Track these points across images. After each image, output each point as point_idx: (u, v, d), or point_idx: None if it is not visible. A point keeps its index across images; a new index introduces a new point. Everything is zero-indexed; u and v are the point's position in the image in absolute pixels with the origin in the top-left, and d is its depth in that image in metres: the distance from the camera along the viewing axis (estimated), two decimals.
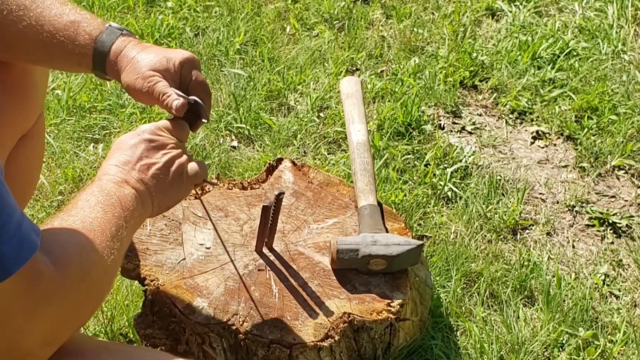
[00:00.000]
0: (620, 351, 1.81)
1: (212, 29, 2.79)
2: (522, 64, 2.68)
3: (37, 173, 1.58)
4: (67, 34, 1.25)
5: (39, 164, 1.58)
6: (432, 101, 2.54)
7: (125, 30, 1.29)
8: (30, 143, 1.45)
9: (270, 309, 1.51)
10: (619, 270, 2.04)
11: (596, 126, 2.46)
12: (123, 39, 1.27)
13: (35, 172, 1.56)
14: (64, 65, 1.37)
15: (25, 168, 1.47)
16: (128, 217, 1.12)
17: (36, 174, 1.57)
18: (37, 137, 1.48)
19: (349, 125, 1.88)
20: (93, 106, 2.42)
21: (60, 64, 1.36)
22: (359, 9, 2.94)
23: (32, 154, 1.48)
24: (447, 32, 2.82)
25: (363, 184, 1.75)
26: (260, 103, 2.47)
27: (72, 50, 1.26)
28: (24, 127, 1.41)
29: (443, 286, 1.92)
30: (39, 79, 1.39)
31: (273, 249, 1.63)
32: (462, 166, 2.30)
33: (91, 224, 1.05)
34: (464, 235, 2.07)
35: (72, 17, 1.25)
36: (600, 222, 2.17)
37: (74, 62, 1.28)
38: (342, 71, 2.63)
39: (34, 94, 1.39)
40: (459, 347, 1.78)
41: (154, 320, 1.52)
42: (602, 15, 2.93)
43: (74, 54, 1.26)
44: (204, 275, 1.55)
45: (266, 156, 2.27)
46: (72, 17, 1.25)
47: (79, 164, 2.22)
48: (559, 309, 1.87)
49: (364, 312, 1.53)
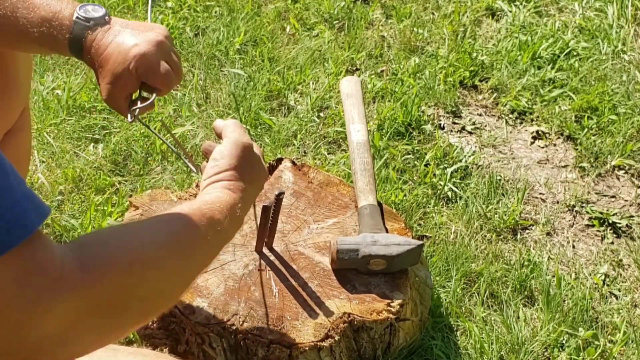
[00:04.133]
0: (620, 351, 1.80)
1: (212, 29, 2.78)
2: (522, 63, 2.68)
3: (25, 167, 1.57)
4: (42, 30, 1.23)
5: (27, 158, 1.57)
6: (432, 101, 2.54)
7: (92, 20, 1.25)
8: (16, 138, 1.44)
9: (270, 309, 1.51)
10: (619, 270, 2.04)
11: (596, 126, 2.46)
12: (90, 37, 1.24)
13: (23, 166, 1.55)
14: (46, 53, 1.35)
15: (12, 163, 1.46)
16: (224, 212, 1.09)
17: (24, 169, 1.56)
18: (22, 131, 1.47)
19: (349, 125, 1.88)
20: (93, 106, 2.42)
21: (41, 52, 1.33)
22: (359, 9, 2.94)
23: (18, 149, 1.47)
24: (447, 32, 2.82)
25: (363, 184, 1.75)
26: (260, 103, 2.46)
27: (50, 46, 1.25)
28: (9, 122, 1.40)
29: (443, 286, 1.92)
30: (22, 73, 1.38)
31: (273, 249, 1.63)
32: (462, 166, 2.30)
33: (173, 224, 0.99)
34: (464, 235, 2.07)
35: (42, 12, 1.22)
36: (600, 222, 2.17)
37: (56, 53, 1.28)
38: (342, 71, 2.63)
39: (17, 88, 1.38)
40: (459, 347, 1.78)
41: (153, 321, 1.52)
42: (602, 15, 2.93)
43: (53, 49, 1.26)
44: (203, 275, 1.55)
45: (266, 156, 2.27)
46: (43, 13, 1.22)
47: (79, 164, 2.22)
48: (559, 309, 1.87)
49: (364, 312, 1.53)
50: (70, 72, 2.55)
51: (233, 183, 1.18)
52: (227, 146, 1.23)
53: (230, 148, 1.22)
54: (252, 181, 1.22)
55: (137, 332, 1.55)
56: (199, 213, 1.04)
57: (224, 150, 1.22)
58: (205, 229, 1.03)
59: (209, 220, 1.04)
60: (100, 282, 0.83)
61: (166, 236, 0.96)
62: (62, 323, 0.80)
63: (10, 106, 1.39)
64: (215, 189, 1.17)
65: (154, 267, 0.91)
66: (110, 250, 0.86)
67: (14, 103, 1.39)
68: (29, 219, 0.77)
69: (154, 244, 0.93)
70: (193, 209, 1.04)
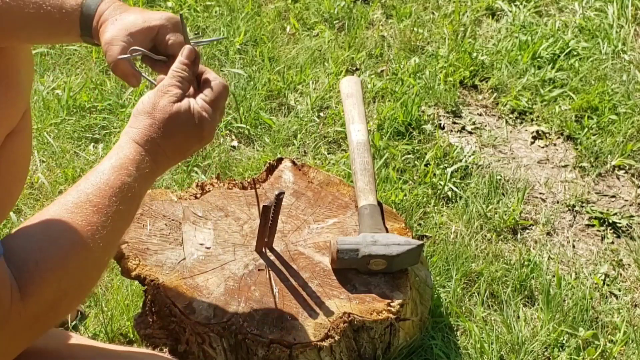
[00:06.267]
0: (620, 351, 1.81)
1: (212, 29, 2.78)
2: (522, 63, 2.68)
3: (25, 170, 1.57)
4: (54, 2, 1.24)
5: (27, 160, 1.57)
6: (432, 101, 2.54)
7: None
8: (17, 140, 1.44)
9: (270, 309, 1.51)
10: (619, 270, 2.04)
11: (596, 126, 2.46)
12: (107, 1, 1.26)
13: (24, 168, 1.55)
14: (52, 36, 1.33)
15: (13, 165, 1.46)
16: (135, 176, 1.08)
17: (24, 171, 1.56)
18: (24, 133, 1.47)
19: (349, 125, 1.88)
20: (93, 106, 2.42)
21: (49, 36, 1.32)
22: (359, 9, 2.94)
23: (19, 151, 1.48)
24: (447, 32, 2.82)
25: (363, 183, 1.75)
26: (260, 103, 2.47)
27: (60, 20, 1.25)
28: (11, 124, 1.40)
29: (443, 286, 1.92)
30: (24, 75, 1.39)
31: (273, 249, 1.63)
32: (462, 166, 2.30)
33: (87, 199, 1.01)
34: (464, 235, 2.07)
35: None
36: (600, 222, 2.17)
37: (63, 31, 1.27)
38: (342, 71, 2.63)
39: (20, 90, 1.38)
40: (459, 347, 1.78)
41: (154, 320, 1.52)
42: (602, 15, 2.93)
43: (62, 23, 1.25)
44: (204, 275, 1.55)
45: (266, 156, 2.27)
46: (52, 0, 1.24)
47: (79, 164, 2.22)
48: (559, 309, 1.87)
49: (364, 312, 1.53)
50: (71, 72, 2.55)
51: (149, 142, 1.13)
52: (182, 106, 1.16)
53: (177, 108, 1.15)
54: (175, 149, 1.16)
55: (137, 332, 1.55)
56: (106, 187, 1.05)
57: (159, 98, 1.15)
58: (116, 200, 1.05)
59: (118, 191, 1.06)
60: (38, 305, 0.93)
61: (82, 232, 1.00)
62: (3, 342, 0.92)
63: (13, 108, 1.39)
64: (128, 144, 1.12)
65: (81, 267, 1.00)
66: (42, 272, 0.94)
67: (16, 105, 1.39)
68: None
69: (74, 247, 0.98)
70: (100, 184, 1.05)
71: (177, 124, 1.14)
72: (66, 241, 0.98)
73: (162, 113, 1.14)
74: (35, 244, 0.96)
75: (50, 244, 0.96)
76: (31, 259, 0.94)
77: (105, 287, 1.87)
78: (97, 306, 1.82)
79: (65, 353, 1.09)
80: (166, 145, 1.14)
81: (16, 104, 1.39)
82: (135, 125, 1.13)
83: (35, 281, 0.93)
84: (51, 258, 0.95)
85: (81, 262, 0.98)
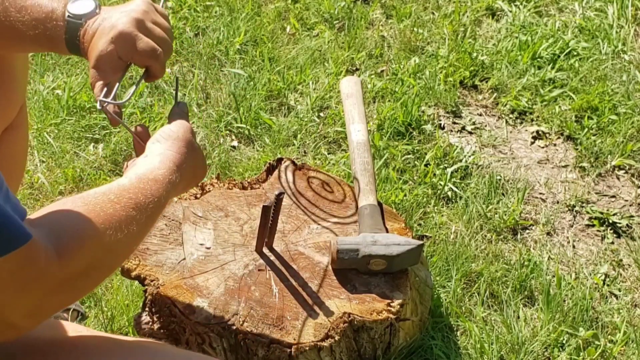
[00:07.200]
0: (620, 351, 1.81)
1: (212, 29, 2.78)
2: (522, 63, 2.68)
3: (22, 166, 1.57)
4: (37, 32, 1.22)
5: (24, 157, 1.57)
6: (432, 101, 2.54)
7: (82, 17, 1.24)
8: (13, 135, 1.43)
9: (270, 309, 1.51)
10: (619, 270, 2.04)
11: (596, 126, 2.46)
12: (82, 32, 1.24)
13: (20, 165, 1.55)
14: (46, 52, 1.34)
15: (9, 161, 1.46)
16: None
17: (21, 168, 1.56)
18: (20, 129, 1.46)
19: (349, 125, 1.88)
20: (93, 106, 2.42)
21: (41, 52, 1.34)
22: (359, 9, 2.94)
23: (15, 147, 1.47)
24: (447, 32, 2.82)
25: (363, 184, 1.75)
26: (260, 103, 2.47)
27: (49, 47, 1.25)
28: (7, 119, 1.40)
29: (443, 286, 1.92)
30: (19, 70, 1.38)
31: (273, 249, 1.63)
32: (462, 166, 2.30)
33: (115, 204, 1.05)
34: (464, 235, 2.07)
35: (35, 14, 1.21)
36: (600, 222, 2.17)
37: (56, 52, 1.29)
38: (342, 71, 2.63)
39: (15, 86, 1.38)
40: (459, 347, 1.78)
41: (154, 321, 1.52)
42: (602, 15, 2.93)
43: (52, 49, 1.26)
44: (204, 275, 1.55)
45: (266, 156, 2.27)
46: (36, 15, 1.21)
47: (79, 164, 2.22)
48: (559, 309, 1.87)
49: (364, 312, 1.53)
50: (71, 72, 2.55)
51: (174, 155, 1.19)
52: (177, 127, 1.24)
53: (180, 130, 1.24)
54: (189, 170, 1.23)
55: (137, 332, 1.55)
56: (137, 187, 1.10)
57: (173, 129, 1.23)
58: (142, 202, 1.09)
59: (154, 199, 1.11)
60: (72, 267, 0.96)
61: (120, 218, 1.04)
62: (36, 302, 0.95)
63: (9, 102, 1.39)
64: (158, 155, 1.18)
65: (113, 247, 1.03)
66: (81, 238, 0.99)
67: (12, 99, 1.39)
68: (19, 232, 0.89)
69: (112, 227, 1.03)
70: (142, 186, 1.10)
71: (198, 157, 1.25)
72: (105, 221, 1.02)
73: (189, 143, 1.24)
74: (76, 216, 1.00)
75: (92, 218, 1.00)
76: (72, 225, 0.98)
77: (105, 287, 1.86)
78: (97, 306, 1.82)
79: (76, 343, 1.10)
80: (186, 171, 1.21)
81: (12, 99, 1.39)
82: (173, 149, 1.21)
83: (74, 245, 0.96)
84: (91, 229, 0.99)
85: (113, 243, 1.02)
